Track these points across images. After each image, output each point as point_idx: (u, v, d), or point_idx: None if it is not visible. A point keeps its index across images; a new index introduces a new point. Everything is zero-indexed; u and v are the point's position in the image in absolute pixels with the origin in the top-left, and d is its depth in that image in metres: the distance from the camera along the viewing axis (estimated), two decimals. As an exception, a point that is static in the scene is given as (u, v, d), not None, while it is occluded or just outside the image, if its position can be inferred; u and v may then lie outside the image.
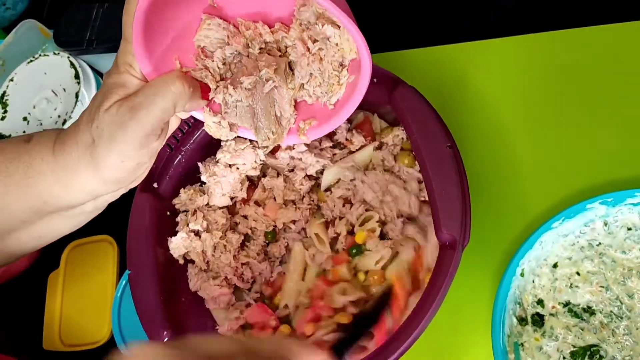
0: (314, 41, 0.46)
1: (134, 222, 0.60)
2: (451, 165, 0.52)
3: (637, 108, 0.64)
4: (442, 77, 0.73)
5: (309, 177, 0.64)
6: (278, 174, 0.65)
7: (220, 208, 0.64)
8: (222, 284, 0.62)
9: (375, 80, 0.57)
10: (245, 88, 0.47)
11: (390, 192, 0.59)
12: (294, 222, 0.64)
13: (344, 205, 0.62)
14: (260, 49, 0.47)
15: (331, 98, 0.48)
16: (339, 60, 0.46)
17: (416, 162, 0.60)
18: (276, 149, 0.63)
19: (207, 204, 0.64)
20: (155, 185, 0.62)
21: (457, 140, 0.55)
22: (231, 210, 0.65)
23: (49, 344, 0.77)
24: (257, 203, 0.65)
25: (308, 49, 0.46)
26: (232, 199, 0.64)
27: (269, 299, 0.63)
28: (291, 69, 0.48)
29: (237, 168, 0.62)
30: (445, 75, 0.73)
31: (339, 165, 0.62)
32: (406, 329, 0.48)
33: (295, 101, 0.49)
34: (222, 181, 0.62)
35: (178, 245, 0.61)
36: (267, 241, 0.65)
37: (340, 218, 0.62)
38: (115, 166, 0.45)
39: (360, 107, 0.61)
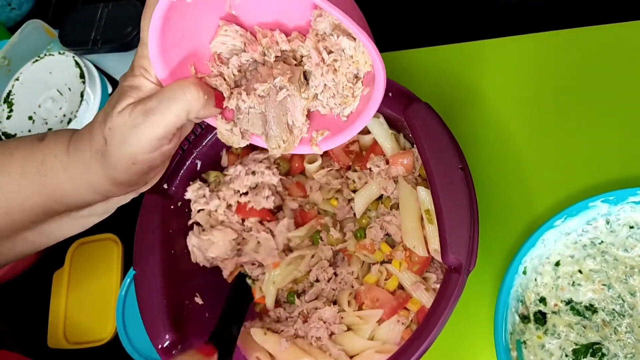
0: (329, 52, 0.45)
1: (142, 223, 0.60)
2: (462, 189, 0.51)
3: (638, 108, 0.65)
4: (443, 77, 0.73)
5: None
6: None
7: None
8: None
9: (390, 94, 0.58)
10: (259, 95, 0.47)
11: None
12: None
13: None
14: (276, 57, 0.47)
15: (344, 110, 0.48)
16: (354, 72, 0.46)
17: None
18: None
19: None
20: (165, 186, 0.63)
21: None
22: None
23: (53, 341, 0.78)
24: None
25: (323, 60, 0.46)
26: None
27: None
28: (306, 79, 0.48)
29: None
30: (447, 75, 0.73)
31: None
32: (407, 351, 0.48)
33: (309, 111, 0.49)
34: None
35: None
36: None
37: None
38: (126, 168, 0.45)
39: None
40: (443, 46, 0.75)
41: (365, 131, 0.63)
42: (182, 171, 0.63)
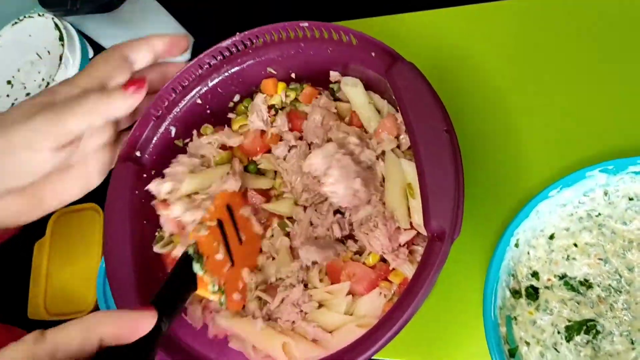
0: None
1: (112, 192, 0.57)
2: (447, 153, 0.48)
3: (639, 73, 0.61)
4: (433, 43, 0.70)
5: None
6: None
7: None
8: None
9: (373, 54, 0.55)
10: None
11: None
12: None
13: None
14: None
15: None
16: None
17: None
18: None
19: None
20: (137, 153, 0.60)
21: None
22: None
23: (34, 313, 0.76)
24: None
25: None
26: None
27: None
28: None
29: None
30: (438, 41, 0.70)
31: None
32: (387, 322, 0.45)
33: None
34: None
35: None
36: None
37: None
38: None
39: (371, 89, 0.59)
40: (431, 11, 0.72)
41: (345, 99, 0.61)
42: (155, 138, 0.60)
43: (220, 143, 0.62)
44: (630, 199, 0.55)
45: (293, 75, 0.62)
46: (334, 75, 0.60)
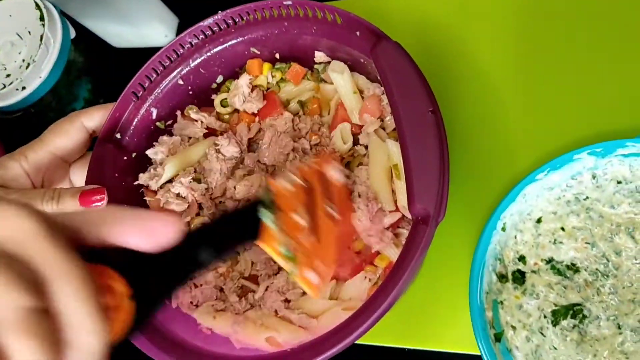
0: None
1: (91, 175, 0.56)
2: (432, 134, 0.47)
3: (630, 54, 0.60)
4: (421, 23, 0.68)
5: None
6: None
7: None
8: None
9: (358, 33, 0.54)
10: None
11: None
12: None
13: None
14: None
15: None
16: None
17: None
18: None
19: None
20: (118, 135, 0.58)
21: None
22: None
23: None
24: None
25: None
26: None
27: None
28: None
29: None
30: (425, 21, 0.68)
31: None
32: (371, 305, 0.45)
33: None
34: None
35: None
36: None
37: None
38: None
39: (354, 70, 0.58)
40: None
41: (329, 81, 0.59)
42: (135, 120, 0.59)
43: (206, 124, 0.61)
44: (619, 182, 0.54)
45: (277, 56, 0.61)
46: (319, 55, 0.59)
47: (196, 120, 0.61)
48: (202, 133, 0.61)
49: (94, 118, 0.56)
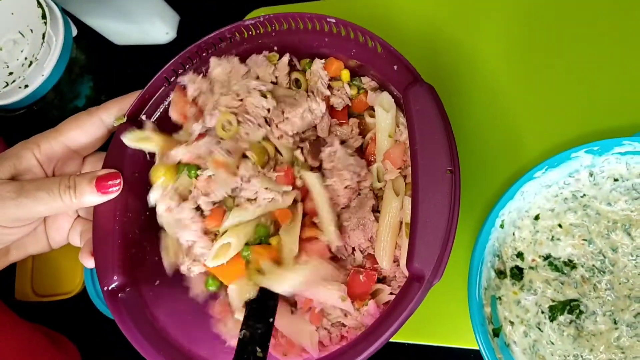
0: None
1: (110, 156, 0.56)
2: (445, 194, 0.46)
3: (627, 53, 0.61)
4: (426, 18, 0.69)
5: None
6: None
7: None
8: None
9: (395, 67, 0.53)
10: None
11: None
12: None
13: None
14: None
15: None
16: None
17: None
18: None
19: None
20: (143, 117, 0.58)
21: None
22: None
23: (20, 294, 0.76)
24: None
25: None
26: None
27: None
28: None
29: None
30: (430, 17, 0.69)
31: None
32: (351, 350, 0.46)
33: None
34: None
35: None
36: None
37: None
38: None
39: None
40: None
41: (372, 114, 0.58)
42: (162, 106, 0.59)
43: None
44: (615, 180, 0.55)
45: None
46: (365, 80, 0.59)
47: None
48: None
49: (111, 112, 0.56)
